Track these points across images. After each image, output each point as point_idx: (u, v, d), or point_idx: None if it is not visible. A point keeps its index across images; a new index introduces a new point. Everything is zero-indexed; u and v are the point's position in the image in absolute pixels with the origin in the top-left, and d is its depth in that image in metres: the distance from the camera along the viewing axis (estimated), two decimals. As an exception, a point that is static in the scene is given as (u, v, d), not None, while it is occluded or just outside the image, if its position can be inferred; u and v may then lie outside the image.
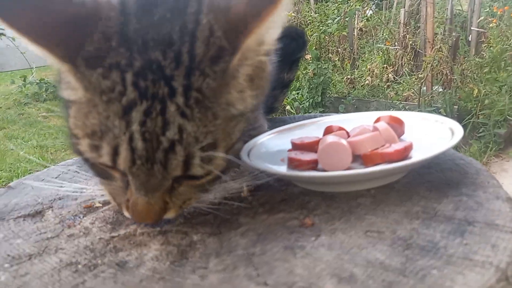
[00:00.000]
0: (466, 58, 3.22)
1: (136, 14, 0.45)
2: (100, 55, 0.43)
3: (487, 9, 3.28)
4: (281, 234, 0.48)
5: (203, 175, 0.47)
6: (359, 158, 0.59)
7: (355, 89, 3.60)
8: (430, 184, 0.55)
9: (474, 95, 2.93)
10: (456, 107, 2.97)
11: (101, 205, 0.63)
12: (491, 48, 3.09)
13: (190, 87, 0.43)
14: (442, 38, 3.24)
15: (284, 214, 0.52)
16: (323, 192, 0.57)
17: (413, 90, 3.25)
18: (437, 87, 3.17)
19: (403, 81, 3.39)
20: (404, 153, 0.56)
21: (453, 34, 3.21)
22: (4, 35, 4.22)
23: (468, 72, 3.11)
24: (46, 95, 4.60)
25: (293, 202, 0.55)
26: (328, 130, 0.70)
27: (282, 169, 0.61)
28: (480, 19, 3.23)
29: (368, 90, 3.51)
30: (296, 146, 0.66)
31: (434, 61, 3.09)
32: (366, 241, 0.44)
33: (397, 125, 0.65)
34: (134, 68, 0.42)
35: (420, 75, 3.16)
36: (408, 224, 0.47)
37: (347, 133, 0.66)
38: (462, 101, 3.01)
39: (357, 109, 3.28)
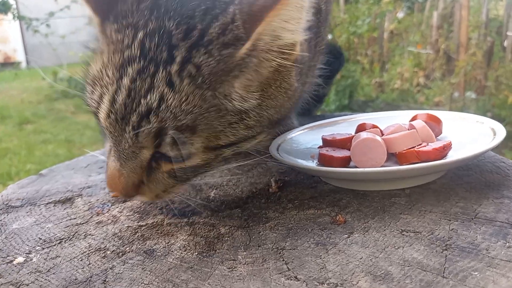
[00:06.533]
0: (501, 64, 3.11)
1: None
2: (125, 14, 0.45)
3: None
4: (312, 230, 0.46)
5: (177, 158, 0.44)
6: (393, 157, 0.57)
7: (383, 93, 3.53)
8: (469, 186, 0.53)
9: (509, 103, 2.82)
10: (490, 114, 2.87)
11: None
12: (528, 54, 2.98)
13: (189, 60, 0.42)
14: (476, 43, 3.14)
15: (315, 211, 0.51)
16: (354, 190, 0.55)
17: (444, 96, 3.17)
18: (469, 93, 3.08)
19: (434, 86, 3.30)
20: (443, 152, 0.54)
21: (488, 39, 3.11)
22: (38, 31, 4.36)
23: (503, 78, 3.01)
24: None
25: (324, 199, 0.54)
26: (361, 128, 0.68)
27: (314, 165, 0.60)
28: (517, 23, 3.13)
29: (397, 94, 3.44)
30: (327, 143, 0.64)
31: (468, 66, 3.00)
32: (402, 240, 0.42)
33: (435, 124, 0.62)
34: (147, 29, 0.44)
35: (452, 80, 3.07)
36: (447, 224, 0.44)
37: (381, 131, 0.64)
38: (496, 108, 2.91)
39: (385, 113, 3.20)
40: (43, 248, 0.48)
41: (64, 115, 4.31)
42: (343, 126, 0.73)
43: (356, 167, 0.57)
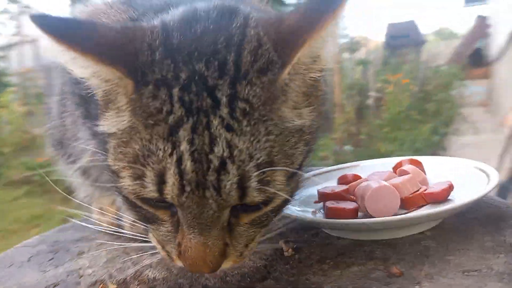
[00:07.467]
0: (369, 120, 3.57)
1: (178, 28, 0.43)
2: (149, 68, 0.40)
3: (383, 77, 3.75)
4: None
5: (263, 201, 0.40)
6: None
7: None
8: (479, 220, 0.55)
9: (382, 152, 3.22)
10: (368, 164, 3.22)
11: (115, 286, 0.51)
12: (389, 111, 3.49)
13: (236, 96, 0.39)
14: (346, 103, 3.58)
15: (359, 267, 0.48)
16: (376, 241, 0.54)
17: (327, 150, 3.47)
18: (348, 146, 3.43)
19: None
20: (449, 192, 0.57)
21: (356, 99, 3.57)
22: None
23: (373, 132, 3.44)
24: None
25: (355, 254, 0.51)
26: (343, 179, 0.69)
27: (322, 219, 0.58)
28: (377, 85, 3.67)
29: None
30: (325, 196, 0.63)
31: (344, 123, 3.37)
32: (473, 281, 0.42)
33: (419, 167, 0.66)
34: (180, 81, 0.39)
35: (333, 136, 3.40)
36: (496, 258, 0.45)
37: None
38: (372, 158, 3.28)
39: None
40: None
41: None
42: (320, 180, 0.72)
43: (366, 216, 0.56)
